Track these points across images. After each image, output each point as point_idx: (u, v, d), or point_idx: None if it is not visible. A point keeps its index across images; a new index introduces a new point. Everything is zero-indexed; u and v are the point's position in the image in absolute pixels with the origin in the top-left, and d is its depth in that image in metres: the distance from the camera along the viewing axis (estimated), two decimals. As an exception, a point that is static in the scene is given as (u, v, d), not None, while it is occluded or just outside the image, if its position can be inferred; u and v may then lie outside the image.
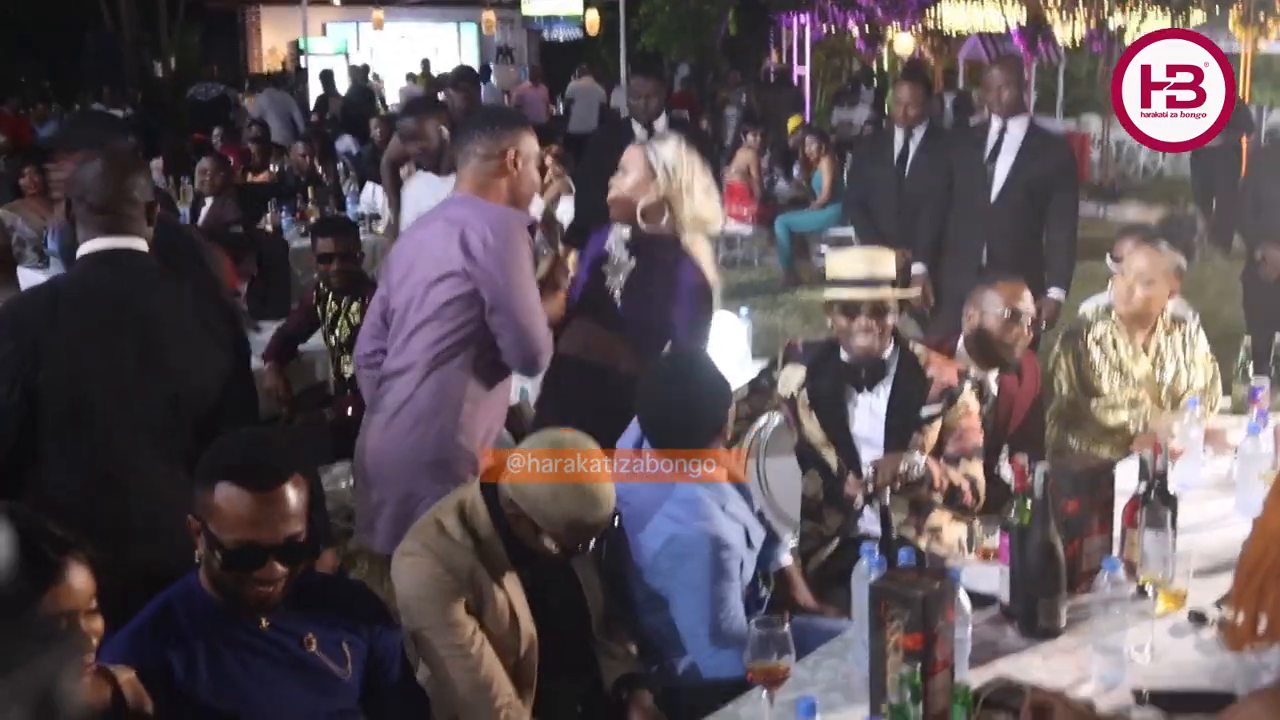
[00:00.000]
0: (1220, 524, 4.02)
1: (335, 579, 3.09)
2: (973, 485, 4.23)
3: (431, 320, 4.05)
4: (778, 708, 2.87)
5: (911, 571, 2.95)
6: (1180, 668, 3.18)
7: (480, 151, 4.14)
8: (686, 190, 4.41)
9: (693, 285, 4.40)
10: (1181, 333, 5.22)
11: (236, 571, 2.77)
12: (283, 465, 2.84)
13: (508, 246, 4.01)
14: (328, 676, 2.92)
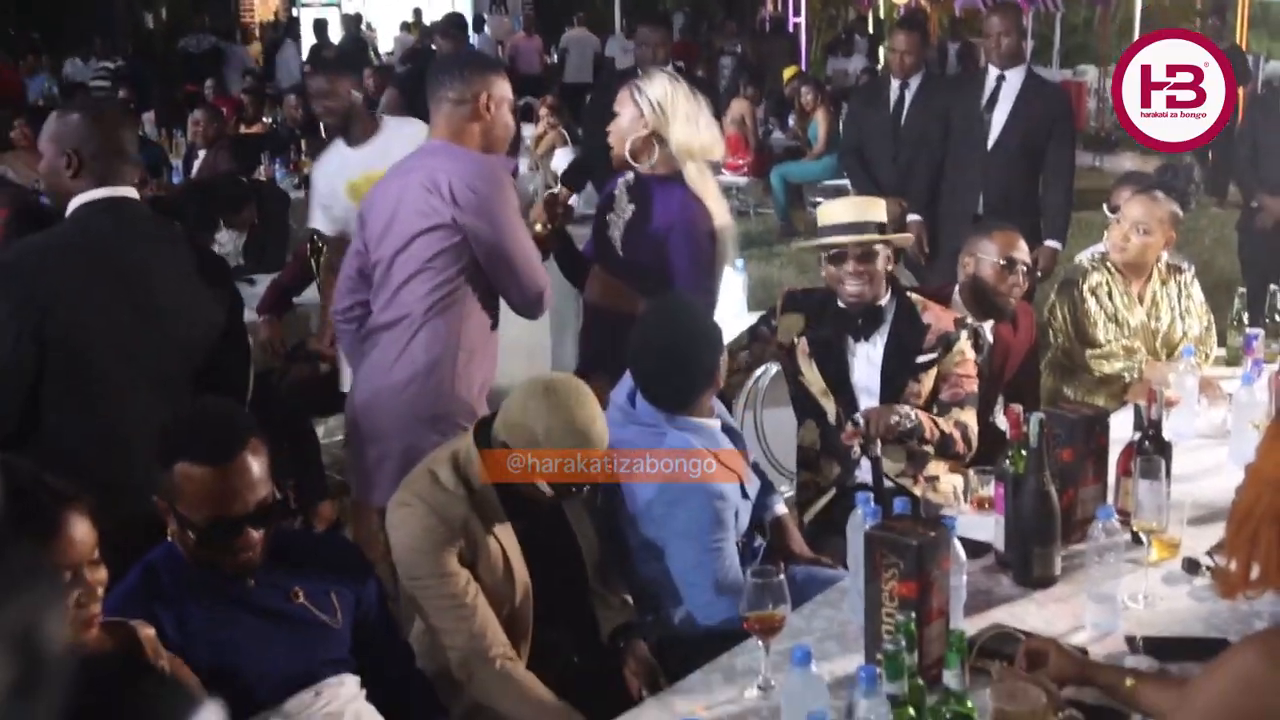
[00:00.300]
0: (1214, 472, 4.03)
1: (318, 536, 3.10)
2: (964, 433, 4.23)
3: (422, 272, 4.03)
4: (773, 657, 2.88)
5: (906, 520, 2.97)
6: (1174, 615, 3.21)
7: (452, 97, 4.10)
8: (672, 121, 4.38)
9: (687, 221, 4.38)
10: (1177, 282, 5.21)
11: (211, 548, 2.78)
12: (237, 434, 2.82)
13: (495, 193, 4.00)
14: (318, 627, 2.93)
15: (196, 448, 2.78)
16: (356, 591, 3.04)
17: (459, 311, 4.06)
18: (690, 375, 3.66)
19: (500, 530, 3.29)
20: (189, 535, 2.77)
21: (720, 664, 3.01)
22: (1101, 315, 5.09)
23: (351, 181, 5.35)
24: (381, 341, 4.12)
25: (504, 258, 4.00)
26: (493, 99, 4.11)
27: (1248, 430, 4.03)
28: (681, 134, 4.38)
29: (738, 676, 2.95)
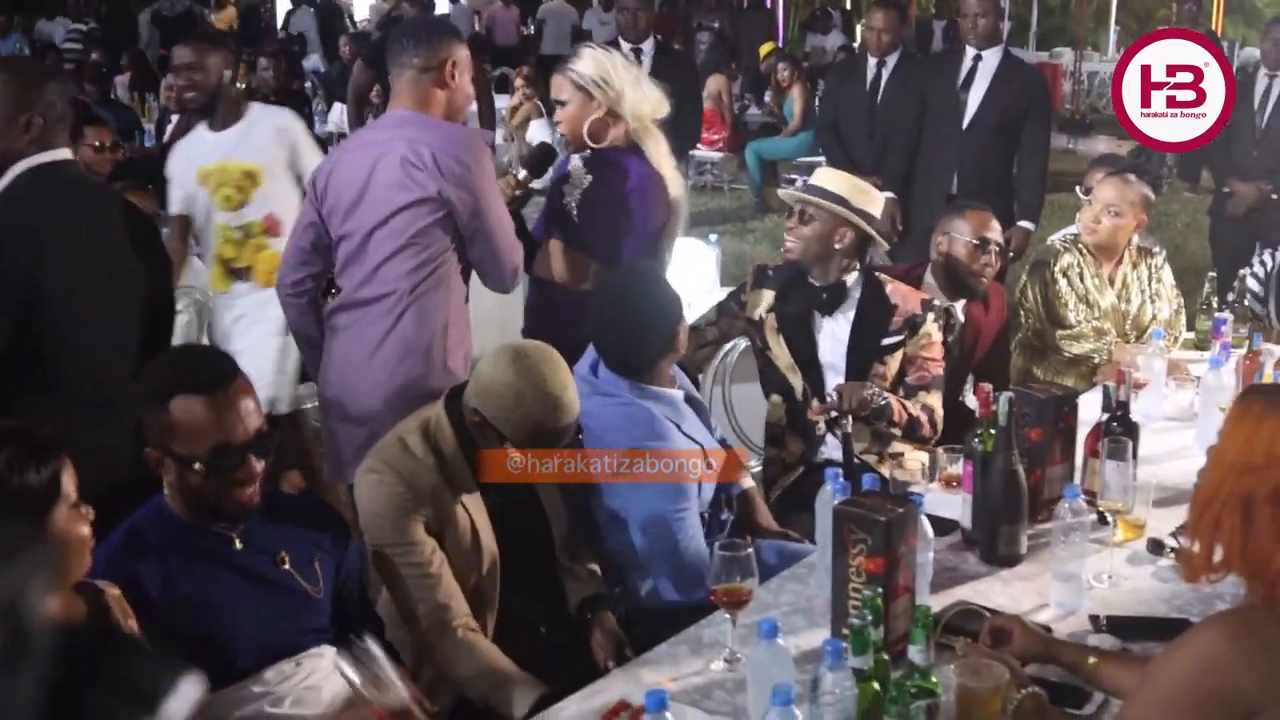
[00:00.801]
0: (1181, 455, 4.06)
1: (303, 497, 3.10)
2: (930, 416, 4.25)
3: (406, 248, 3.93)
4: (740, 630, 2.89)
5: (875, 497, 2.97)
6: (1138, 595, 3.23)
7: (417, 63, 3.99)
8: (622, 93, 4.37)
9: (644, 189, 4.38)
10: (1148, 265, 5.24)
11: (217, 480, 2.75)
12: (226, 364, 2.86)
13: (480, 167, 3.95)
14: (301, 595, 2.92)
15: (191, 379, 2.77)
16: (338, 557, 3.04)
17: (446, 287, 4.00)
18: (650, 341, 3.66)
19: (469, 500, 3.29)
20: (191, 475, 2.75)
21: (687, 636, 3.02)
22: (1072, 296, 5.11)
23: (204, 168, 5.11)
24: (361, 319, 4.01)
25: (485, 232, 3.95)
26: (457, 66, 4.03)
27: (1214, 413, 4.05)
28: (633, 102, 4.38)
29: (704, 649, 2.96)
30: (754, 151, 12.99)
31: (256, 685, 2.82)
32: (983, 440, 3.39)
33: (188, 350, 3.09)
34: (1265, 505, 2.17)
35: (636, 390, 3.65)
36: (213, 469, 2.75)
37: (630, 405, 3.62)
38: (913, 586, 2.89)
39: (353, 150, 4.12)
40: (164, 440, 2.76)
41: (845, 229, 4.26)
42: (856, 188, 4.33)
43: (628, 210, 4.36)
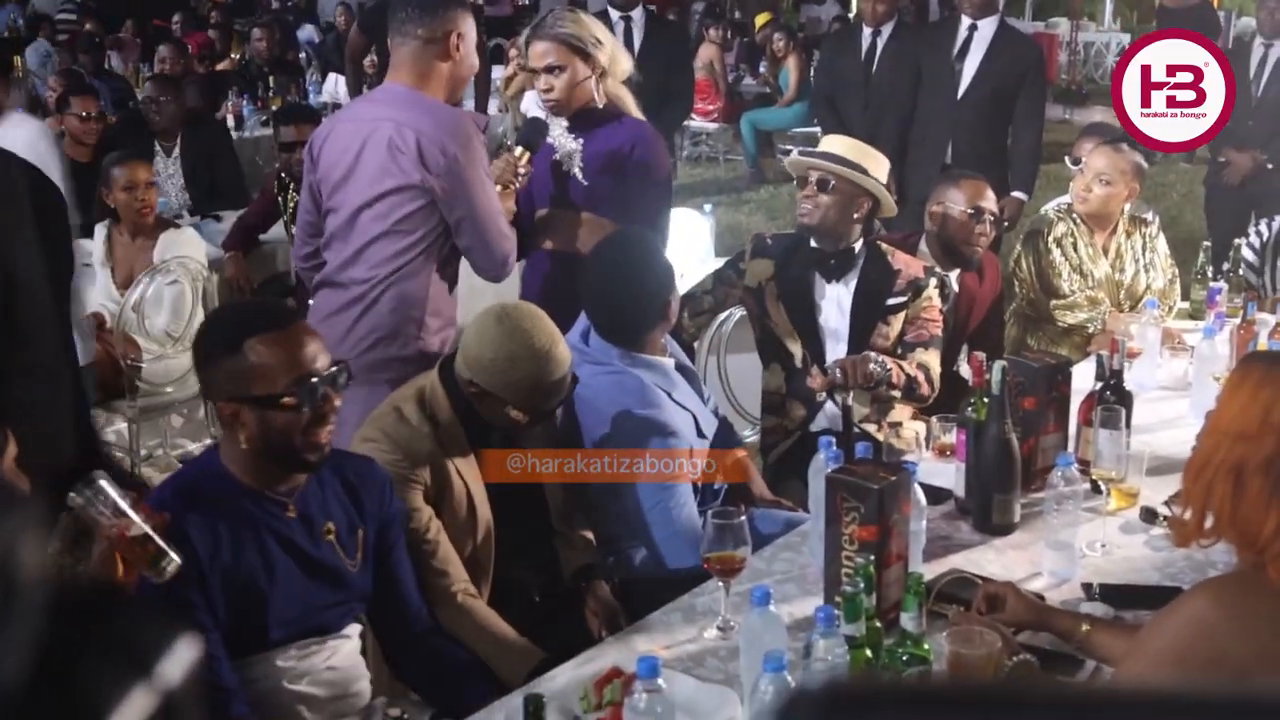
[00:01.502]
0: (1174, 424, 4.07)
1: (356, 456, 3.03)
2: (927, 374, 4.24)
3: (390, 233, 3.87)
4: (733, 598, 2.90)
5: (868, 465, 2.98)
6: (1131, 563, 3.24)
7: (421, 34, 3.88)
8: (613, 53, 4.35)
9: (645, 143, 4.37)
10: (1141, 234, 5.24)
11: (303, 414, 2.70)
12: (286, 306, 2.88)
13: (467, 153, 3.84)
14: (339, 570, 2.89)
15: (260, 321, 2.75)
16: (381, 522, 2.99)
17: (427, 274, 3.92)
18: (642, 310, 3.66)
19: (465, 468, 3.29)
20: (276, 414, 2.69)
21: (680, 604, 3.03)
22: (1066, 266, 5.11)
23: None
24: (340, 299, 3.95)
25: (473, 221, 3.86)
26: (462, 38, 3.94)
27: (1208, 382, 4.06)
28: (615, 59, 4.35)
29: (698, 616, 2.97)
30: (749, 122, 12.97)
31: (281, 659, 2.82)
32: (976, 409, 3.40)
33: (244, 301, 3.09)
34: (1257, 474, 2.18)
35: (627, 358, 3.65)
36: (299, 400, 2.69)
37: (621, 373, 3.62)
38: (905, 554, 2.90)
39: (345, 121, 4.07)
40: (240, 387, 2.69)
41: (864, 198, 4.26)
42: (869, 154, 4.34)
43: (634, 161, 4.33)
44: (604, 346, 3.66)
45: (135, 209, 5.71)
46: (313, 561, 2.84)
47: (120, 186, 5.70)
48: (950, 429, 3.76)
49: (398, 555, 3.05)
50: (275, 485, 2.81)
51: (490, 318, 3.28)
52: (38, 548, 0.66)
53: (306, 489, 2.86)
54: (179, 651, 0.74)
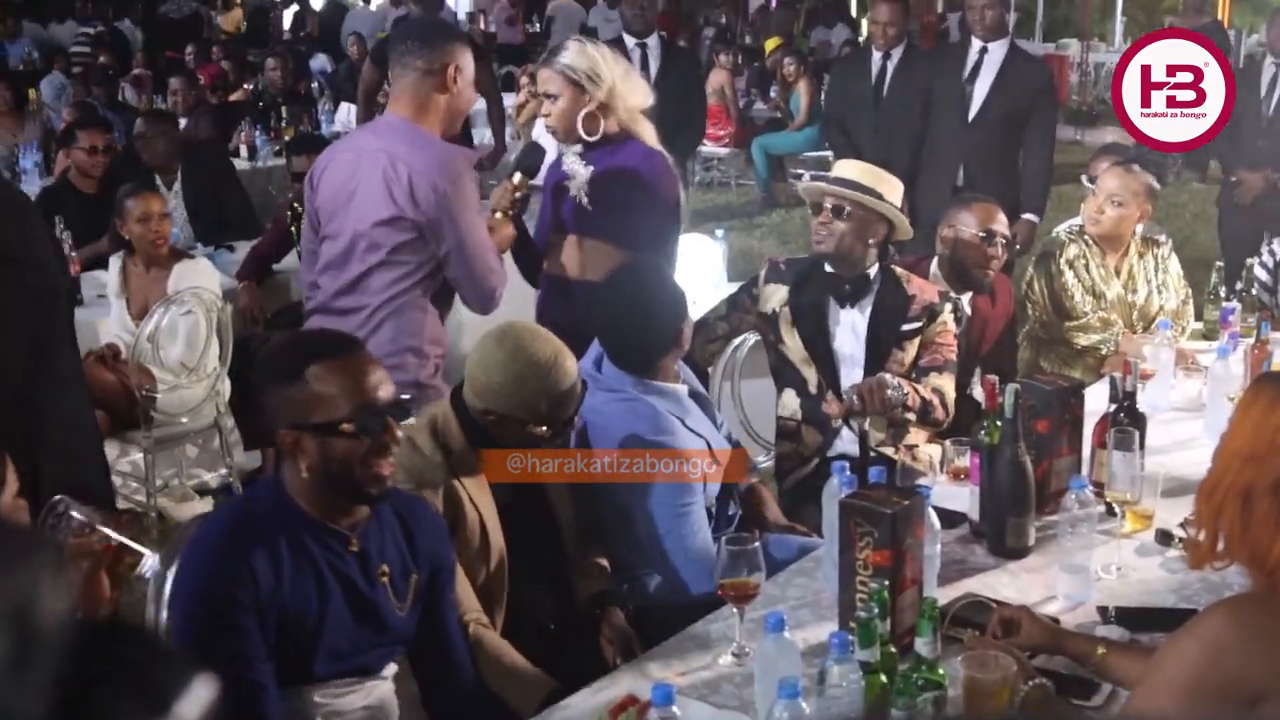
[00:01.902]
0: (1189, 445, 4.06)
1: (412, 498, 3.01)
2: (942, 399, 4.23)
3: (386, 264, 3.96)
4: (748, 624, 2.89)
5: (881, 489, 2.97)
6: (1146, 586, 3.23)
7: (421, 66, 3.98)
8: (616, 86, 4.35)
9: (652, 168, 4.38)
10: (1154, 255, 5.24)
11: (363, 443, 2.67)
12: (348, 335, 2.89)
13: (457, 190, 3.91)
14: (387, 612, 2.85)
15: (322, 348, 2.75)
16: (433, 568, 2.96)
17: (423, 304, 4.01)
18: (654, 337, 3.67)
19: (478, 497, 3.30)
20: (336, 442, 2.66)
21: (695, 631, 3.03)
22: (1079, 287, 5.11)
23: None
24: (338, 327, 3.87)
25: (460, 255, 3.93)
26: (461, 71, 4.02)
27: (1223, 403, 4.05)
28: (625, 94, 4.37)
29: (712, 643, 2.96)
30: (760, 147, 12.99)
31: (320, 694, 2.79)
32: (989, 432, 3.39)
33: (308, 330, 3.12)
34: (1266, 496, 2.17)
35: (640, 386, 3.65)
36: (360, 428, 2.66)
37: (634, 400, 3.63)
38: (920, 579, 2.90)
39: (344, 151, 4.15)
40: (301, 415, 2.67)
41: (879, 223, 4.26)
42: (883, 179, 4.32)
43: (641, 188, 4.35)
44: (617, 374, 3.67)
45: (149, 240, 5.73)
46: (365, 601, 2.80)
47: (134, 218, 5.72)
48: (964, 452, 3.75)
49: (446, 603, 3.01)
50: (338, 518, 2.77)
51: (490, 342, 3.29)
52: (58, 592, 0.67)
53: (369, 526, 2.82)
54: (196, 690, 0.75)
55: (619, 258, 4.20)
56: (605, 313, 3.73)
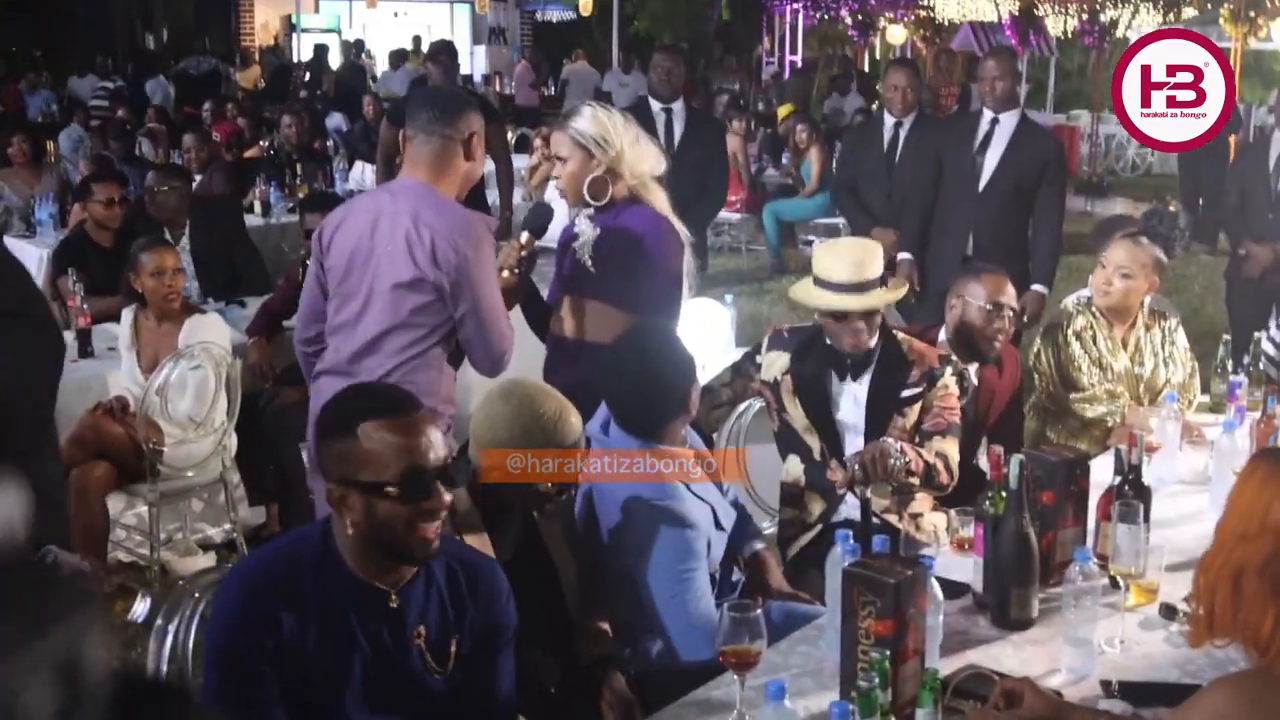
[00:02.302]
0: (1195, 519, 4.05)
1: (475, 555, 2.98)
2: (945, 463, 4.23)
3: (402, 326, 4.01)
4: (749, 691, 2.88)
5: (884, 559, 2.97)
6: (1150, 660, 3.22)
7: (445, 132, 4.06)
8: (625, 151, 4.40)
9: (658, 231, 4.42)
10: (1161, 328, 5.24)
11: (407, 507, 2.64)
12: (409, 395, 2.84)
13: (478, 254, 3.99)
14: (420, 674, 2.80)
15: (379, 405, 2.72)
16: (483, 632, 2.89)
17: (439, 365, 4.07)
18: (662, 401, 3.68)
19: (482, 556, 3.30)
20: (380, 503, 2.63)
21: (696, 697, 3.02)
22: (1085, 359, 5.11)
23: None
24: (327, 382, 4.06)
25: (476, 317, 4.01)
26: (477, 137, 4.11)
27: (1229, 477, 4.02)
28: (633, 160, 4.41)
29: (713, 710, 2.96)
30: (771, 213, 13.04)
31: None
32: (994, 503, 3.39)
33: (368, 384, 3.14)
34: (1254, 576, 2.17)
35: (647, 449, 3.66)
36: (405, 492, 2.63)
37: (639, 464, 3.63)
38: (922, 649, 2.89)
39: (360, 212, 4.16)
40: (351, 471, 2.66)
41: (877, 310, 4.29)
42: (861, 265, 4.25)
43: (644, 252, 4.39)
44: (623, 437, 3.68)
45: (162, 294, 5.77)
46: (394, 661, 2.76)
47: (148, 272, 5.76)
48: (968, 523, 3.74)
49: (498, 668, 2.94)
50: (381, 575, 2.74)
51: (495, 399, 3.33)
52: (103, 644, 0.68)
53: (414, 584, 2.78)
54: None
55: (620, 320, 4.24)
56: (613, 376, 3.74)
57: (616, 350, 3.86)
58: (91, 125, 15.26)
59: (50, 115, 17.68)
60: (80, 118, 15.72)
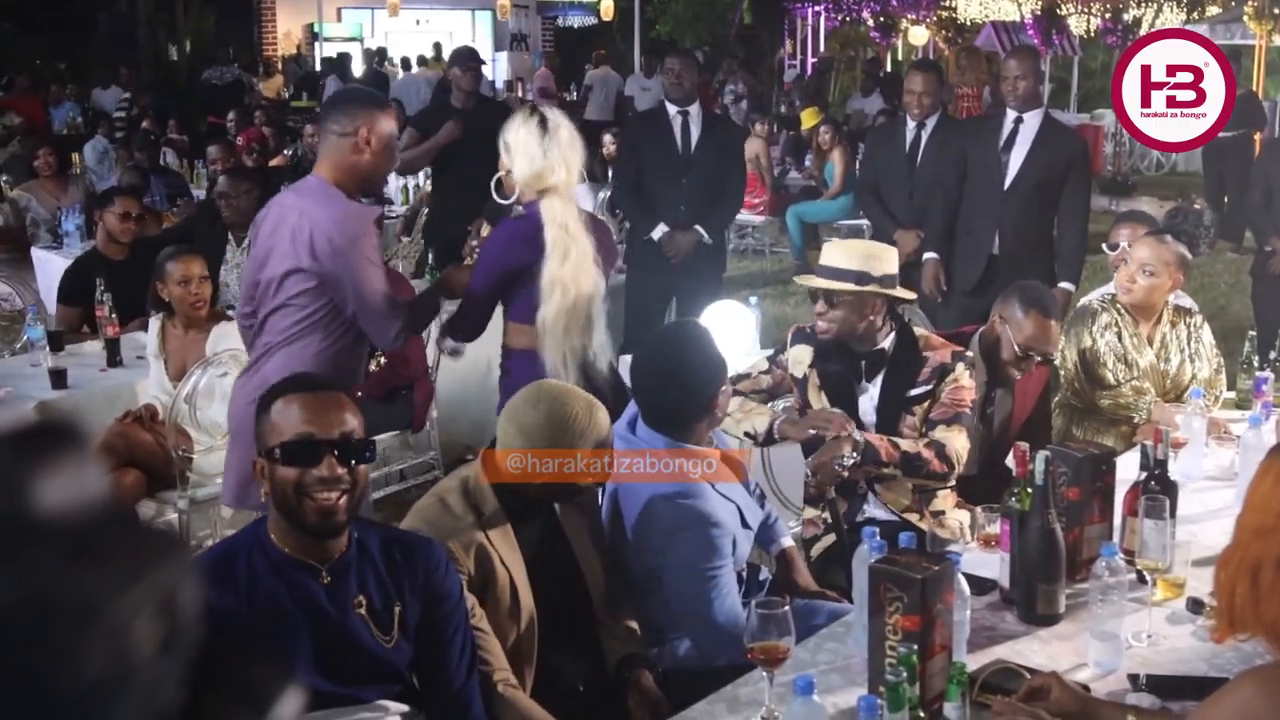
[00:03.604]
0: (1221, 514, 4.04)
1: (412, 536, 3.12)
2: (940, 451, 4.22)
3: (285, 307, 4.28)
4: (777, 688, 2.90)
5: (912, 555, 2.98)
6: (1178, 654, 3.21)
7: (335, 130, 4.31)
8: (513, 159, 4.54)
9: (502, 225, 4.61)
10: (1186, 324, 5.23)
11: (295, 471, 2.82)
12: (329, 381, 3.04)
13: (353, 245, 4.18)
14: (371, 649, 2.94)
15: (294, 384, 2.96)
16: (426, 601, 3.04)
17: (311, 343, 4.28)
18: (690, 401, 3.70)
19: (509, 558, 3.32)
20: (276, 470, 2.85)
21: (724, 695, 3.03)
22: (1111, 356, 5.10)
23: None
24: (250, 358, 4.49)
25: (356, 299, 4.22)
26: (373, 135, 4.28)
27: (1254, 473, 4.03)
28: (517, 168, 4.54)
29: (742, 707, 2.97)
30: (795, 215, 13.03)
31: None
32: (1020, 499, 3.39)
33: (299, 373, 3.48)
34: (1272, 570, 2.16)
35: (673, 448, 3.68)
36: (291, 456, 2.83)
37: (665, 462, 3.65)
38: (949, 644, 2.89)
39: (273, 207, 4.45)
40: (262, 443, 2.89)
41: (875, 302, 4.30)
42: (870, 257, 4.36)
43: (495, 245, 4.60)
44: (651, 435, 3.69)
45: (189, 302, 5.81)
46: (339, 630, 2.90)
47: (175, 280, 5.80)
48: (995, 519, 3.75)
49: (446, 636, 3.06)
50: (308, 551, 2.90)
51: (524, 404, 3.36)
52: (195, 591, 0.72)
53: (345, 559, 2.94)
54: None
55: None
56: (644, 372, 3.77)
57: (648, 347, 3.89)
58: (116, 136, 15.35)
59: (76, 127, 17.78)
60: (105, 129, 15.82)
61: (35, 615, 0.62)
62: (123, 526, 0.71)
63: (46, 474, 0.66)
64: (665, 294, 7.56)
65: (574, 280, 4.48)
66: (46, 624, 0.62)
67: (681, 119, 7.43)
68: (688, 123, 7.43)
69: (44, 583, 0.62)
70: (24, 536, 0.64)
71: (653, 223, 7.35)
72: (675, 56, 7.83)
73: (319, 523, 2.86)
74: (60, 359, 6.01)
